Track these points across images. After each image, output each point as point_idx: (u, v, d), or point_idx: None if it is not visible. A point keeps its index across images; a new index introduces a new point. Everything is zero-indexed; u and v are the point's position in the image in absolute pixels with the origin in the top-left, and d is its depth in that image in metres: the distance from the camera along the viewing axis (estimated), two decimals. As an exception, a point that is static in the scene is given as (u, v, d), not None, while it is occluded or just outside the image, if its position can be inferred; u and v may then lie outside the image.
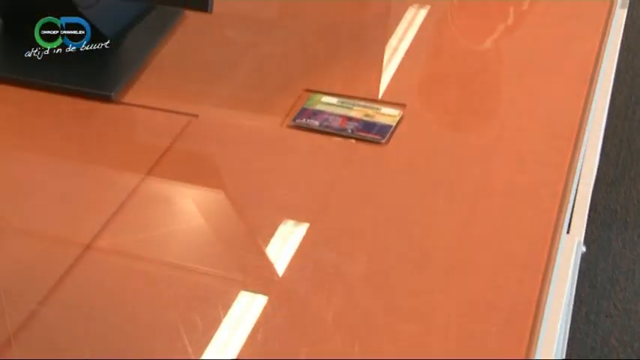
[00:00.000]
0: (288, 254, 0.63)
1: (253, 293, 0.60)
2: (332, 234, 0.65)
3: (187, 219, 0.69)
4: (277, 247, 0.64)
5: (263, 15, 0.95)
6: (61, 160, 0.74)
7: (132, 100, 0.79)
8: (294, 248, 0.63)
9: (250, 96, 0.80)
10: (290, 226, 0.66)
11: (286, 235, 0.65)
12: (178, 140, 0.74)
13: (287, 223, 0.66)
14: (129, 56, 0.84)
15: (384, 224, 0.66)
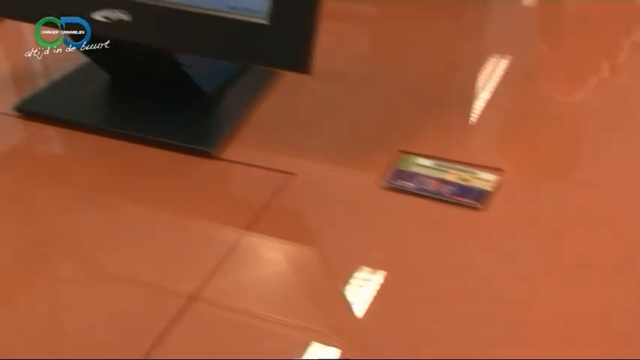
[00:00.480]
0: (375, 314, 0.63)
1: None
2: (422, 298, 0.65)
3: (286, 275, 0.70)
4: (366, 305, 0.64)
5: (356, 72, 0.97)
6: (162, 212, 0.76)
7: (230, 156, 0.81)
8: (382, 308, 0.64)
9: (345, 155, 0.81)
10: (379, 287, 0.66)
11: (375, 294, 0.65)
12: (276, 197, 0.76)
13: (377, 284, 0.67)
14: (227, 112, 0.87)
15: (479, 293, 0.66)
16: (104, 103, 0.89)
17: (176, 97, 0.86)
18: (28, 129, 0.86)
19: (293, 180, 0.78)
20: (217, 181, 0.80)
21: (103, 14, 0.77)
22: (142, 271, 0.69)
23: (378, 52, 1.02)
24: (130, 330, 0.64)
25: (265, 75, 0.91)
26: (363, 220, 0.74)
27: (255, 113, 0.87)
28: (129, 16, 0.77)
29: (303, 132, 0.85)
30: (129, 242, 0.72)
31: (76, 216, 0.75)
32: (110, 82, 0.89)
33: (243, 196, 0.78)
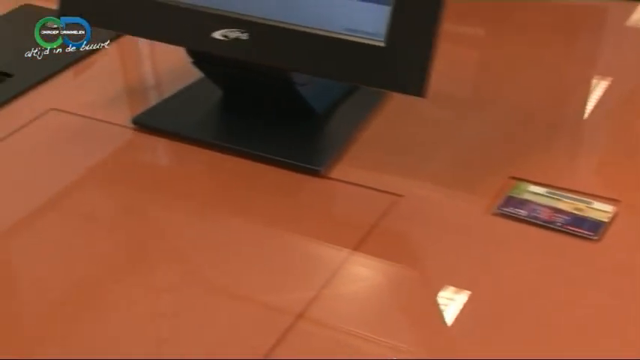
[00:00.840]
0: (476, 341, 0.63)
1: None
2: (524, 327, 0.64)
3: (390, 298, 0.70)
4: (468, 332, 0.64)
5: (465, 96, 0.96)
6: (270, 229, 0.77)
7: (338, 175, 0.82)
8: (484, 335, 0.63)
9: (454, 179, 0.81)
10: (482, 313, 0.66)
11: (478, 321, 0.65)
12: (383, 218, 0.76)
13: (480, 310, 0.66)
14: (336, 132, 0.87)
15: (594, 326, 0.64)
16: (216, 118, 0.92)
17: (286, 115, 0.87)
18: (144, 141, 0.89)
19: (401, 202, 0.78)
20: (325, 200, 0.81)
21: (222, 33, 0.80)
22: (246, 286, 0.70)
23: (487, 76, 1.00)
24: (240, 344, 0.65)
25: (374, 95, 0.91)
26: (471, 246, 0.73)
27: (363, 133, 0.87)
28: (247, 36, 0.79)
29: (412, 154, 0.85)
30: (235, 257, 0.74)
31: (184, 228, 0.77)
32: (223, 98, 0.92)
33: (350, 216, 0.78)
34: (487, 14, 1.13)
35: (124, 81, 1.04)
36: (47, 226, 0.78)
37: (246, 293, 0.70)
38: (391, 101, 0.92)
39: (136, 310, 0.68)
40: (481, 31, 1.15)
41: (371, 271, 0.73)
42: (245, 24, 0.79)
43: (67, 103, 0.93)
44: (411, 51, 0.73)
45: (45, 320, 0.67)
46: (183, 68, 0.96)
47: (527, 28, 1.11)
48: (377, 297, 0.70)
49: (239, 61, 0.82)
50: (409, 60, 0.73)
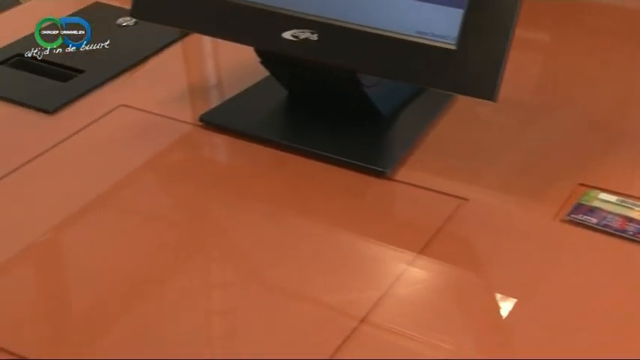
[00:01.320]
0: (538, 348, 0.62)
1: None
2: (595, 339, 0.63)
3: (454, 303, 0.70)
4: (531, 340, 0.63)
5: (532, 101, 0.95)
6: (334, 230, 0.77)
7: (403, 177, 0.81)
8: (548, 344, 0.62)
9: (521, 184, 0.80)
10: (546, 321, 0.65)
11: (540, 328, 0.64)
12: (448, 222, 0.75)
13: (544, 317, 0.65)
14: (401, 134, 0.87)
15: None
16: (282, 118, 0.92)
17: (352, 116, 0.87)
18: (210, 139, 0.89)
19: (466, 206, 0.77)
20: (390, 202, 0.81)
21: (292, 33, 0.80)
22: (309, 287, 0.71)
23: (554, 82, 0.99)
24: (305, 344, 0.65)
25: (439, 98, 0.90)
26: (538, 252, 0.72)
27: (428, 137, 0.87)
28: (316, 36, 0.80)
29: (477, 159, 0.84)
30: (298, 257, 0.74)
31: (246, 227, 0.77)
32: (288, 97, 0.92)
33: (415, 219, 0.77)
34: (553, 18, 1.12)
35: (191, 79, 1.05)
36: (110, 220, 0.79)
37: (308, 294, 0.70)
38: (456, 105, 0.91)
39: (193, 307, 0.69)
40: (546, 36, 1.13)
41: (435, 275, 0.72)
42: (315, 24, 0.80)
43: (135, 99, 0.94)
44: (484, 54, 0.72)
45: (100, 313, 0.68)
46: (248, 67, 0.97)
47: (596, 33, 1.09)
48: (441, 301, 0.70)
49: (307, 61, 0.82)
50: (481, 63, 0.72)
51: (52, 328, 0.67)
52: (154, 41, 1.05)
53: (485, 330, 0.67)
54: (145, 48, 1.04)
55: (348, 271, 0.73)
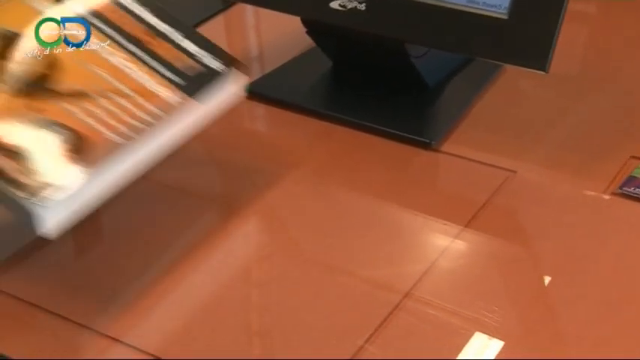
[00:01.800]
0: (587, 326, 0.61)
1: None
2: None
3: (504, 277, 0.69)
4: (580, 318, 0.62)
5: (580, 75, 0.93)
6: (380, 203, 0.76)
7: (449, 149, 0.81)
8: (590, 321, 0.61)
9: (570, 158, 0.79)
10: (596, 299, 0.64)
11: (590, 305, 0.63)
12: (496, 195, 0.75)
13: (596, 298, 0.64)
14: (448, 106, 0.86)
15: None
16: (327, 89, 0.92)
17: (398, 87, 0.86)
18: (255, 110, 0.89)
19: (514, 178, 0.76)
20: (436, 174, 0.80)
21: (340, 3, 0.79)
22: (352, 261, 0.70)
23: (602, 55, 0.97)
24: (351, 317, 0.64)
25: (486, 70, 0.89)
26: (589, 226, 0.71)
27: (474, 109, 0.86)
28: (364, 6, 0.79)
29: (524, 132, 0.83)
30: (341, 230, 0.73)
31: (290, 198, 0.77)
32: (333, 68, 0.91)
33: (462, 192, 0.77)
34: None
35: (235, 50, 1.03)
36: (148, 191, 0.79)
37: (352, 268, 0.70)
38: (503, 77, 0.90)
39: (234, 276, 0.69)
40: (592, 8, 1.11)
41: (482, 249, 0.72)
42: (363, -6, 0.79)
43: (180, 69, 0.95)
44: (536, 24, 0.71)
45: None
46: (292, 38, 0.97)
47: None
48: (486, 275, 0.69)
49: (354, 31, 0.81)
50: (533, 33, 0.71)
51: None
52: (197, 12, 1.05)
53: (532, 305, 0.66)
54: (189, 19, 1.04)
55: (392, 244, 0.73)
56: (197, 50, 0.70)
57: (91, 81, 0.66)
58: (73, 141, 0.61)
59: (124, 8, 0.71)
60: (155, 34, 0.70)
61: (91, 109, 0.64)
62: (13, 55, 0.67)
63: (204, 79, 0.69)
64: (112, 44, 0.69)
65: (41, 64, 0.67)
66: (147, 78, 0.67)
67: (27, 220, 0.58)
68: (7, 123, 0.62)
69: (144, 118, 0.64)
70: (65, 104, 0.64)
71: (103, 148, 0.62)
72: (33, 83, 0.66)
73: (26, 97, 0.64)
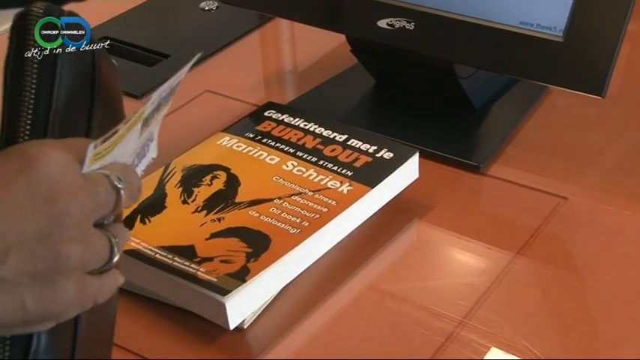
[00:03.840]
0: None
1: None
2: None
3: (558, 306, 0.67)
4: None
5: (630, 97, 0.91)
6: (428, 227, 0.74)
7: (496, 172, 0.79)
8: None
9: (621, 184, 0.77)
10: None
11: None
12: (547, 222, 0.73)
13: None
14: (495, 128, 0.84)
15: None
16: (370, 108, 0.90)
17: (443, 108, 0.85)
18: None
19: (565, 205, 0.74)
20: (485, 199, 0.78)
21: (388, 22, 0.78)
22: (401, 287, 0.68)
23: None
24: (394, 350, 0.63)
25: (533, 91, 0.87)
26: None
27: (521, 131, 0.84)
28: (413, 25, 0.77)
29: (573, 156, 0.81)
30: (390, 254, 0.71)
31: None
32: (376, 87, 0.90)
33: (512, 218, 0.75)
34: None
35: (274, 66, 1.04)
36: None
37: (403, 295, 0.68)
38: (550, 97, 0.88)
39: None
40: (634, 26, 1.09)
41: (534, 278, 0.69)
42: (412, 13, 0.77)
43: (220, 85, 0.93)
44: (594, 48, 0.69)
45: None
46: (330, 56, 0.97)
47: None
48: (540, 304, 0.67)
49: (402, 50, 0.80)
50: (590, 57, 0.69)
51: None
52: (236, 26, 1.03)
53: (584, 337, 0.64)
54: (228, 33, 1.03)
55: (443, 270, 0.71)
56: (362, 144, 0.75)
57: (268, 189, 0.71)
58: (257, 241, 0.66)
59: (290, 126, 0.78)
60: (322, 140, 0.76)
61: (270, 210, 0.69)
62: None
63: (374, 168, 0.73)
64: (285, 154, 0.75)
65: (221, 183, 0.72)
66: (320, 177, 0.72)
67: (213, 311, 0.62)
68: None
69: (321, 210, 0.69)
70: (246, 211, 0.69)
71: (286, 243, 0.66)
72: (213, 200, 0.70)
73: (207, 213, 0.69)
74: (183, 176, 0.72)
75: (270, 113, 0.80)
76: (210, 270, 0.62)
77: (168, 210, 0.69)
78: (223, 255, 0.64)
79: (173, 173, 0.72)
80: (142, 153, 0.52)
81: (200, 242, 0.65)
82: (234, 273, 0.62)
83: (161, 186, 0.71)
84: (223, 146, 0.76)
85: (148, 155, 0.53)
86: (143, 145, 0.51)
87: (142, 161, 0.52)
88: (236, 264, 0.63)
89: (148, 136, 0.52)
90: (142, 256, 0.64)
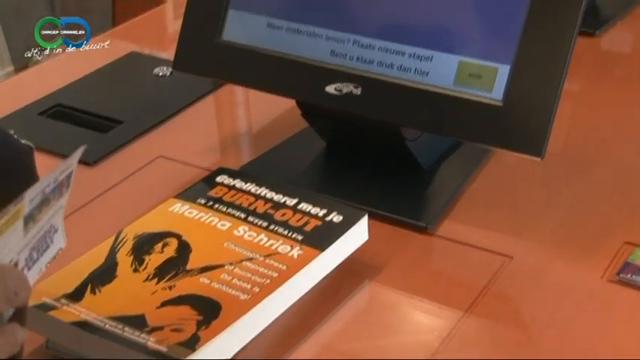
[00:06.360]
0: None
1: None
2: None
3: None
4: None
5: (572, 154, 0.94)
6: (377, 286, 0.76)
7: (445, 232, 0.81)
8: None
9: (566, 241, 0.79)
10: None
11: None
12: (494, 281, 0.74)
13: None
14: (442, 187, 0.86)
15: None
16: (321, 170, 0.92)
17: (391, 169, 0.87)
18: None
19: (511, 263, 0.76)
20: (434, 258, 0.80)
21: (336, 87, 0.80)
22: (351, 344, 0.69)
23: (589, 133, 0.98)
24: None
25: (481, 150, 0.90)
26: (588, 313, 0.71)
27: (470, 189, 0.86)
28: (359, 90, 0.79)
29: (521, 213, 0.83)
30: (339, 312, 0.72)
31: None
32: (327, 149, 0.92)
33: (460, 277, 0.76)
34: (583, 69, 1.11)
35: (227, 130, 1.05)
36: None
37: (357, 354, 0.69)
38: (497, 155, 0.90)
39: None
40: (575, 86, 1.13)
41: (483, 336, 0.71)
42: (358, 78, 0.80)
43: (174, 151, 0.95)
44: (531, 111, 0.72)
45: None
46: (283, 119, 0.98)
47: (625, 82, 1.09)
48: None
49: (350, 114, 0.82)
50: (528, 120, 0.72)
51: None
52: (190, 91, 1.05)
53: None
54: (182, 98, 1.04)
55: (395, 329, 0.72)
56: (312, 208, 0.76)
57: (220, 255, 0.71)
58: (208, 308, 0.66)
59: (241, 191, 0.79)
60: (273, 204, 0.77)
61: (221, 276, 0.69)
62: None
63: (324, 232, 0.74)
64: (236, 220, 0.75)
65: (172, 250, 0.72)
66: (271, 241, 0.73)
67: None
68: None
69: (271, 274, 0.69)
70: (197, 278, 0.69)
71: (236, 309, 0.66)
72: (165, 267, 0.70)
73: (159, 280, 0.69)
74: (135, 244, 0.73)
75: (222, 178, 0.81)
76: (161, 339, 0.63)
77: (118, 279, 0.69)
78: (174, 323, 0.64)
79: (124, 241, 0.73)
80: (41, 246, 0.53)
81: (151, 311, 0.66)
82: (184, 341, 0.63)
83: (112, 255, 0.71)
84: (175, 212, 0.77)
85: (53, 247, 0.54)
86: (41, 239, 0.52)
87: (43, 255, 0.53)
88: (187, 332, 0.63)
89: (47, 228, 0.53)
90: (91, 327, 0.64)
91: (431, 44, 0.78)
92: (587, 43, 1.14)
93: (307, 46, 0.83)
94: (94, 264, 0.70)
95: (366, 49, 0.80)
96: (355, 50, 0.81)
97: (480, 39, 0.76)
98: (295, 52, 0.83)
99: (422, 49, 0.78)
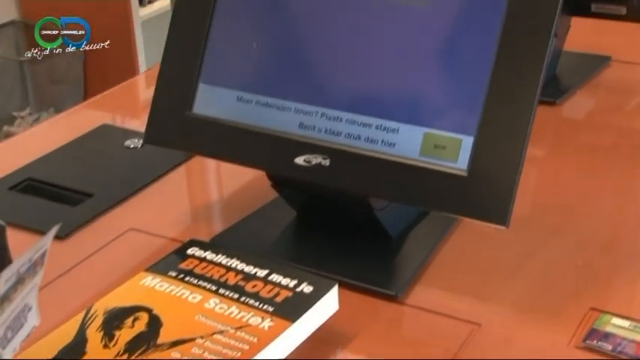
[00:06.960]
0: None
1: None
2: None
3: None
4: None
5: (539, 220, 0.95)
6: (347, 355, 0.76)
7: (414, 300, 0.81)
8: None
9: (533, 308, 0.80)
10: None
11: None
12: (464, 348, 0.75)
13: None
14: (411, 256, 0.88)
15: None
16: (291, 240, 0.92)
17: (361, 238, 0.88)
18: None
19: (479, 331, 0.77)
20: (404, 327, 0.81)
21: (305, 159, 0.82)
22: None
23: (555, 198, 1.00)
24: None
25: (448, 217, 0.91)
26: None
27: (439, 255, 0.87)
28: (328, 162, 0.81)
29: (487, 280, 0.84)
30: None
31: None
32: (297, 219, 0.93)
33: (431, 344, 0.77)
34: (545, 136, 1.14)
35: (198, 202, 1.06)
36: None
37: None
38: (463, 224, 0.92)
39: None
40: (540, 152, 1.16)
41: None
42: (326, 150, 0.81)
43: (145, 223, 0.95)
44: (495, 181, 0.74)
45: None
46: (253, 189, 0.99)
47: (589, 149, 1.12)
48: None
49: (319, 185, 0.83)
50: (492, 190, 0.74)
51: None
52: (161, 163, 1.06)
53: None
54: (152, 170, 1.05)
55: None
56: (283, 279, 0.76)
57: (191, 328, 0.71)
58: None
59: (212, 263, 0.79)
60: (244, 276, 0.77)
61: (192, 350, 0.69)
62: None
63: (295, 303, 0.74)
64: (207, 292, 0.75)
65: (143, 324, 0.72)
66: (242, 313, 0.73)
67: None
68: None
69: (242, 347, 0.69)
70: (168, 353, 0.69)
71: None
72: (135, 342, 0.70)
73: (129, 356, 0.69)
74: (105, 319, 0.72)
75: (192, 251, 0.81)
76: (132, 415, 0.62)
77: (88, 355, 0.68)
78: (145, 399, 0.64)
79: (95, 317, 0.73)
80: (15, 326, 0.53)
81: (122, 387, 0.65)
82: (155, 417, 0.62)
83: (82, 331, 0.71)
84: (146, 286, 0.77)
85: (27, 325, 0.55)
86: (16, 318, 0.53)
87: (18, 332, 0.54)
88: (158, 407, 0.63)
89: (21, 307, 0.53)
90: (60, 405, 0.64)
91: (397, 116, 0.80)
92: (549, 111, 1.18)
93: (276, 118, 0.85)
94: (64, 341, 0.70)
95: (333, 122, 0.82)
96: (323, 122, 0.83)
97: (444, 111, 0.79)
98: (265, 124, 0.85)
99: (388, 121, 0.80)
